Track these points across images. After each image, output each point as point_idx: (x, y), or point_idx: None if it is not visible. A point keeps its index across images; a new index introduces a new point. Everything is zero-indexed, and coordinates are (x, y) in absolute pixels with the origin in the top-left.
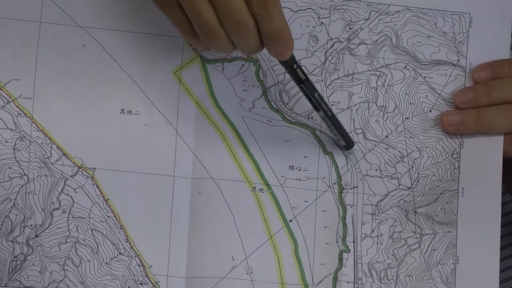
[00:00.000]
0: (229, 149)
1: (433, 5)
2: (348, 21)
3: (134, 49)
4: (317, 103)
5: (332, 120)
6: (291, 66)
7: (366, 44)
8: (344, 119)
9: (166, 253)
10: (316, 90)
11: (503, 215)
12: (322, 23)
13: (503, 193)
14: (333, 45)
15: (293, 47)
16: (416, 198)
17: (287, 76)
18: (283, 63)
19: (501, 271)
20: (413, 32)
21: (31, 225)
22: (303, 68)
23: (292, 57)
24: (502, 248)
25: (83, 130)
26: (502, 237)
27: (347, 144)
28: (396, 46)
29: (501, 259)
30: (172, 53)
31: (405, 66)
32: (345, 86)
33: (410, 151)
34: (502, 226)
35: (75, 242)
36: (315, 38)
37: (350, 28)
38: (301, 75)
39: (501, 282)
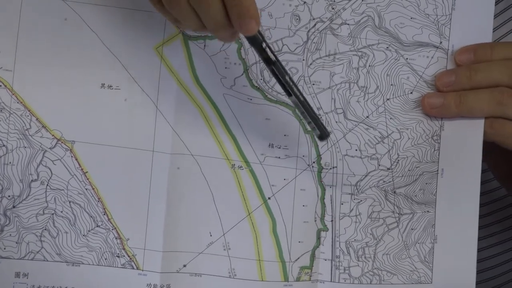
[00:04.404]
0: (209, 126)
1: None
2: (331, 1)
3: (116, 23)
4: (288, 86)
5: (304, 106)
6: (260, 44)
7: (348, 24)
8: (325, 99)
9: (144, 226)
10: (287, 73)
11: (483, 194)
12: (304, 2)
13: (484, 172)
14: (315, 24)
15: (259, 21)
16: (395, 179)
17: None
18: (251, 41)
19: (480, 250)
20: (396, 13)
21: (9, 196)
22: (286, 46)
23: (260, 35)
24: (482, 227)
25: (63, 103)
26: (481, 216)
27: (321, 133)
28: (379, 27)
29: (480, 239)
30: (154, 29)
31: (387, 47)
32: (326, 66)
33: (390, 132)
34: (482, 205)
35: (53, 214)
36: (298, 17)
37: (333, 8)
38: (271, 56)
39: (480, 261)
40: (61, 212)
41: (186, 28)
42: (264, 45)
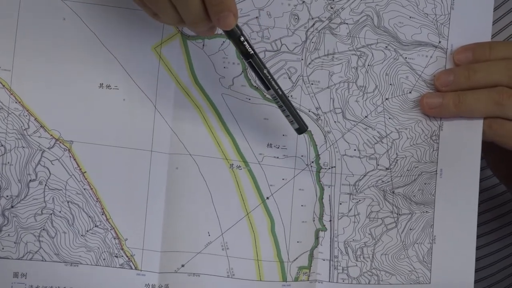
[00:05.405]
0: (207, 126)
1: None
2: (330, 0)
3: (115, 23)
4: (267, 80)
5: (282, 100)
6: (238, 38)
7: (347, 24)
8: (323, 98)
9: (142, 226)
10: (265, 67)
11: (481, 191)
12: (303, 1)
13: (482, 169)
14: (314, 24)
15: (237, 15)
16: (394, 179)
17: (268, 54)
18: (229, 35)
19: (478, 248)
20: (394, 12)
21: (7, 196)
22: (284, 46)
23: (238, 28)
24: (480, 224)
25: (61, 103)
26: (480, 213)
27: (299, 127)
28: (378, 26)
29: (479, 236)
30: (153, 29)
31: (386, 47)
32: (325, 66)
33: (389, 132)
34: (481, 202)
35: (51, 214)
36: (296, 17)
37: (332, 8)
38: (249, 49)
39: (478, 259)
40: (60, 212)
41: (164, 22)
42: (242, 38)
